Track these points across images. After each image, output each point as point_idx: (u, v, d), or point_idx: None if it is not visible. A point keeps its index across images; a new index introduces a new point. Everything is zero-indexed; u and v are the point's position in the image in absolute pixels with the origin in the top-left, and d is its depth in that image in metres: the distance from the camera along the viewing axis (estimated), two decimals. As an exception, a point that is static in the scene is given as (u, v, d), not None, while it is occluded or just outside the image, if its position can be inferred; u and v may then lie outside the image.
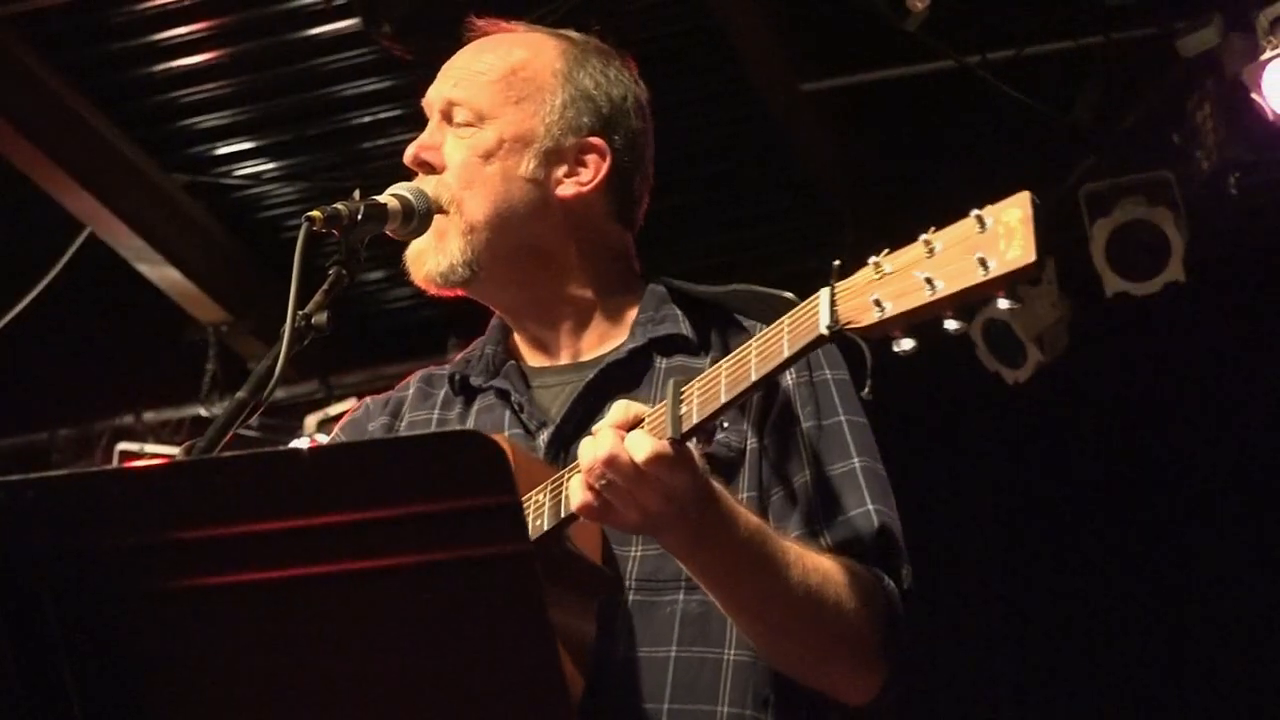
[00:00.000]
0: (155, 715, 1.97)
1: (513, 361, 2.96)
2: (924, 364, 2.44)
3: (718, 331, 2.92)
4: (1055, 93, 6.00)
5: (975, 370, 6.33)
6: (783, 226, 7.09)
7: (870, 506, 2.79)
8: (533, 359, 2.98)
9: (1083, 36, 5.96)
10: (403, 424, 2.99)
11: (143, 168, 6.65)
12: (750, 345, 2.41)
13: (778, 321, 2.38)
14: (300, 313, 2.57)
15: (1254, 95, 5.39)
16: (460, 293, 2.93)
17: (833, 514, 2.77)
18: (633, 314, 2.96)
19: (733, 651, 2.72)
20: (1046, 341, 6.28)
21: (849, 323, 2.27)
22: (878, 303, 2.24)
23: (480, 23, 3.06)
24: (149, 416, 7.44)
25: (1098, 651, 6.61)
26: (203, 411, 7.25)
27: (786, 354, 2.35)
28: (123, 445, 7.27)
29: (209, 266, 7.07)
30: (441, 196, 2.86)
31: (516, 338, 3.01)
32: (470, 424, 2.91)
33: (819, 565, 2.65)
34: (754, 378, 2.39)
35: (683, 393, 2.46)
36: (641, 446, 2.42)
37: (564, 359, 2.95)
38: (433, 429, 2.92)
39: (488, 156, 2.89)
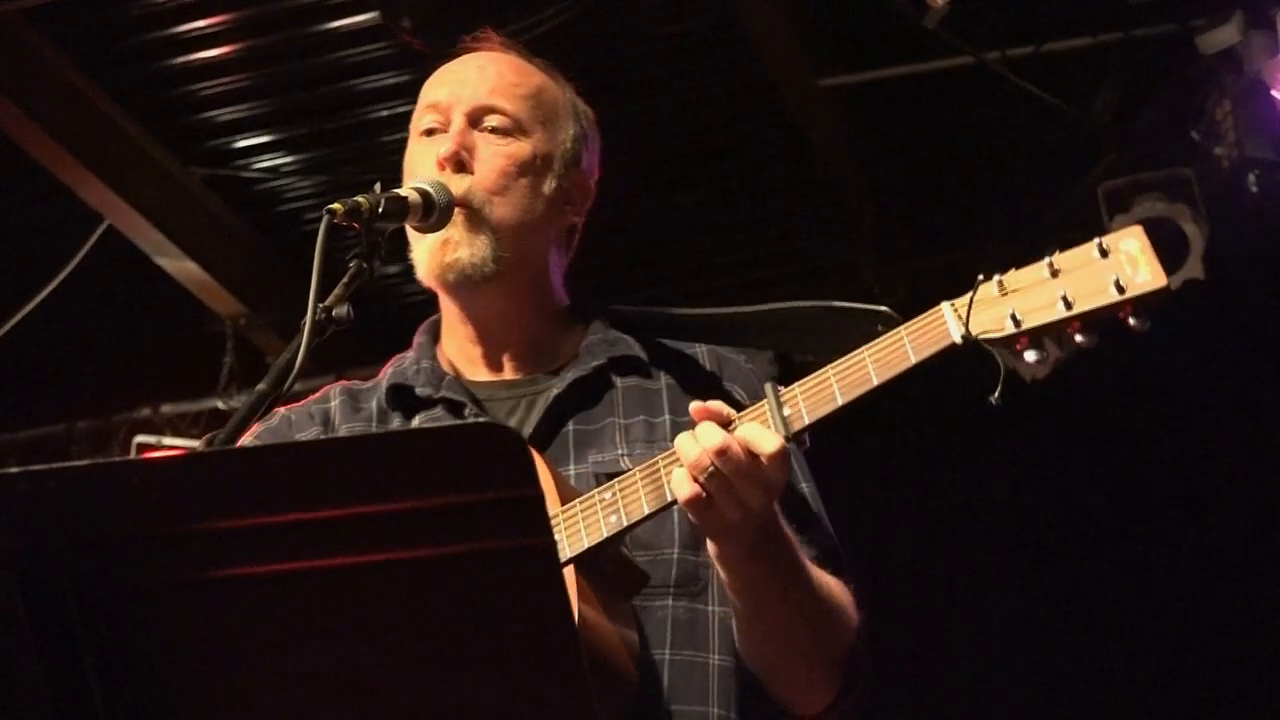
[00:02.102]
0: (176, 705, 1.97)
1: (451, 376, 2.98)
2: (941, 360, 2.53)
3: (663, 356, 2.99)
4: (1075, 90, 5.99)
5: (991, 367, 6.31)
6: (800, 223, 7.09)
7: (826, 530, 2.91)
8: (474, 374, 3.01)
9: (1102, 33, 5.94)
10: (338, 434, 2.98)
11: (161, 161, 6.66)
12: (862, 353, 2.53)
13: (894, 331, 2.53)
14: (321, 305, 2.58)
15: (1274, 92, 5.38)
16: (451, 292, 2.95)
17: (797, 533, 2.81)
18: (574, 338, 3.01)
19: (717, 657, 2.79)
20: (1065, 338, 6.25)
21: (983, 333, 2.48)
22: (1013, 317, 2.47)
23: (483, 36, 3.09)
24: (167, 409, 7.45)
25: (1112, 652, 6.60)
26: (220, 404, 7.27)
27: (913, 360, 2.51)
28: (140, 438, 7.28)
29: (227, 260, 7.08)
30: (472, 197, 2.89)
31: (455, 353, 3.03)
32: None
33: (826, 581, 2.77)
34: (875, 381, 2.51)
35: (783, 395, 2.54)
36: (766, 441, 2.51)
37: (511, 374, 2.99)
38: None
39: (522, 169, 2.94)
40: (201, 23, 6.09)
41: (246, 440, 3.00)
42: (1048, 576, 6.69)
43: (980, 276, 2.49)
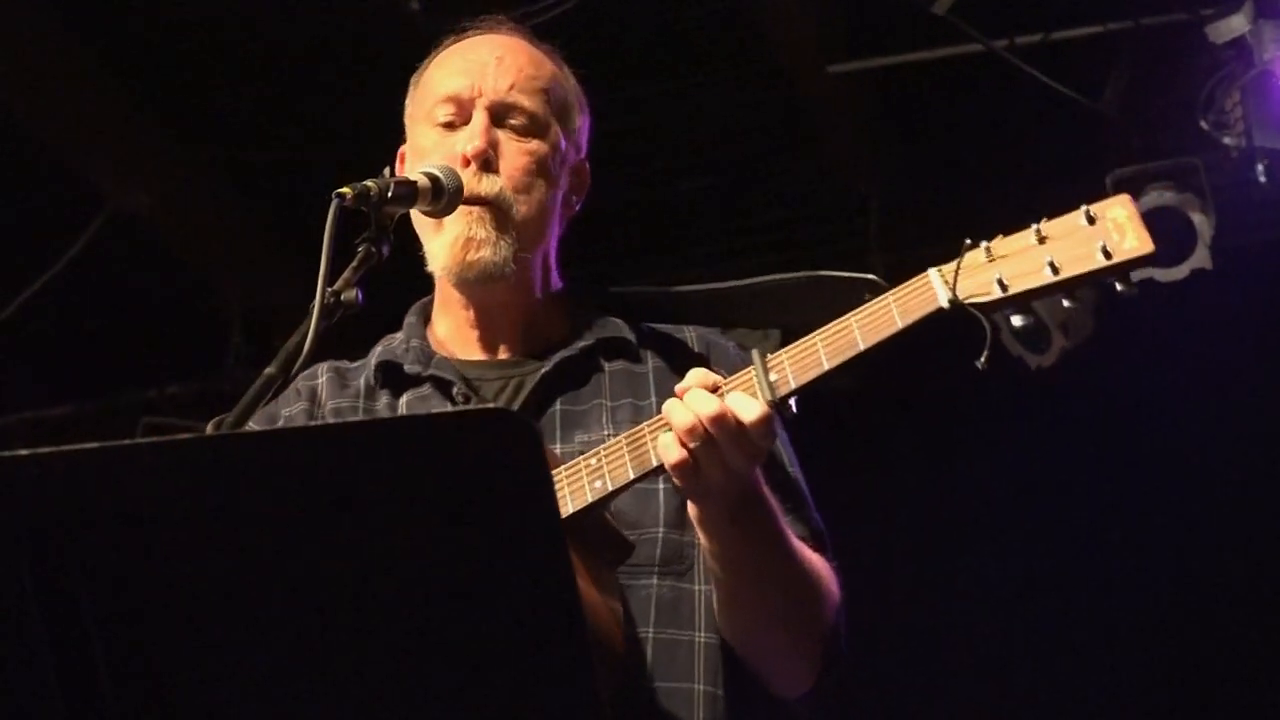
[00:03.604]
0: (185, 688, 1.98)
1: (441, 355, 3.00)
2: (947, 348, 2.53)
3: (651, 339, 3.02)
4: (1084, 78, 5.99)
5: (999, 355, 6.31)
6: (809, 209, 7.08)
7: (812, 512, 2.93)
8: (466, 354, 3.03)
9: (1112, 22, 5.94)
10: (325, 410, 3.02)
11: (170, 141, 6.65)
12: (849, 319, 2.52)
13: (881, 298, 2.52)
14: (329, 289, 2.59)
15: (1283, 83, 5.38)
16: (456, 287, 2.97)
17: (785, 513, 2.83)
18: (562, 318, 3.03)
19: (703, 635, 2.81)
20: (1071, 327, 6.26)
21: (969, 298, 2.47)
22: (1000, 282, 2.47)
23: (488, 19, 3.10)
24: (174, 391, 7.46)
25: (1116, 638, 6.61)
26: (228, 387, 7.27)
27: (900, 325, 2.50)
28: (148, 419, 7.28)
29: (236, 241, 7.08)
30: (503, 199, 2.91)
31: (448, 334, 3.05)
32: (402, 413, 2.95)
33: (808, 554, 2.79)
34: (862, 346, 2.51)
35: (770, 361, 2.55)
36: (749, 408, 2.52)
37: (503, 355, 3.01)
38: (360, 416, 2.96)
39: (542, 167, 2.96)
40: (212, 3, 6.09)
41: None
42: (1053, 560, 6.68)
43: (967, 241, 2.50)
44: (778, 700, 2.87)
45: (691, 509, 2.66)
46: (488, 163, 2.93)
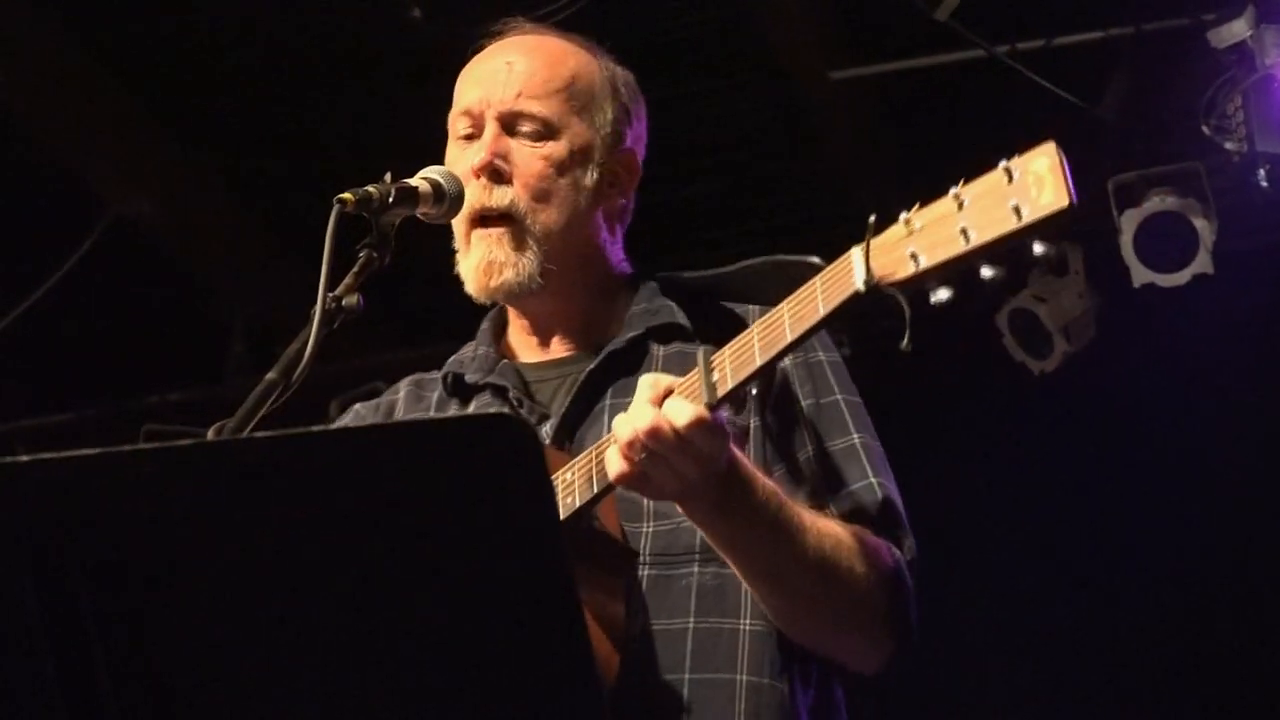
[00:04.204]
0: (186, 691, 1.98)
1: (506, 360, 3.01)
2: (950, 353, 2.47)
3: (712, 320, 2.97)
4: (1085, 83, 5.99)
5: (1002, 360, 6.32)
6: (809, 214, 7.07)
7: (873, 479, 2.85)
8: (527, 355, 3.04)
9: (1113, 27, 5.94)
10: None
11: (171, 148, 6.65)
12: (782, 309, 2.45)
13: (810, 282, 2.42)
14: (331, 295, 2.59)
15: (1285, 87, 5.38)
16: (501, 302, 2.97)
17: (837, 487, 2.83)
18: (624, 308, 3.02)
19: (748, 621, 2.77)
20: (1073, 332, 6.27)
21: (884, 277, 2.30)
22: (913, 256, 2.27)
23: (510, 22, 3.08)
24: (175, 397, 7.45)
25: (1120, 642, 6.60)
26: (229, 393, 7.26)
27: (822, 313, 2.39)
28: (150, 425, 7.29)
29: (237, 247, 7.08)
30: (516, 210, 2.90)
31: (514, 338, 3.06)
32: None
33: (832, 530, 2.71)
34: (790, 338, 2.43)
35: (713, 361, 2.50)
36: (682, 413, 2.47)
37: (561, 352, 3.01)
38: None
39: (561, 170, 2.95)
40: (215, 9, 6.08)
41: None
42: (1056, 564, 6.69)
43: (872, 218, 2.35)
44: (851, 676, 2.83)
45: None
46: (497, 173, 2.92)
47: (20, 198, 6.78)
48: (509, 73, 2.99)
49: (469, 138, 2.98)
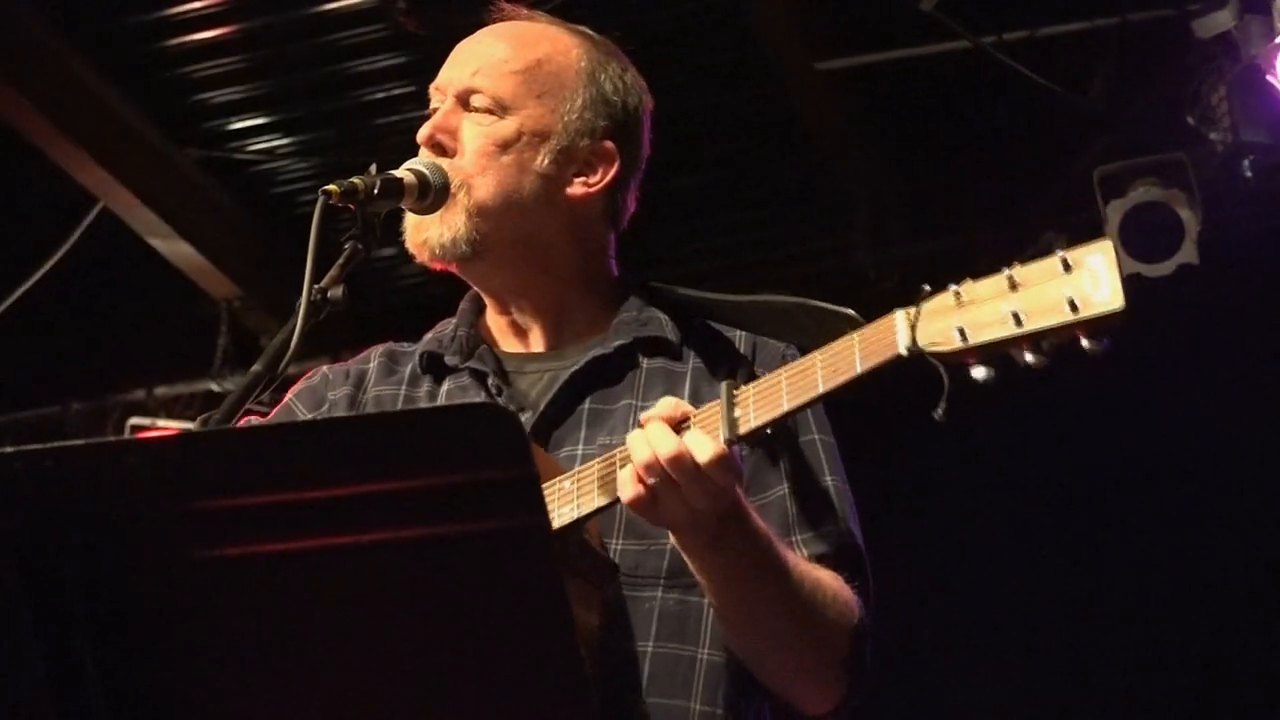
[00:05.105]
0: (172, 684, 1.97)
1: (486, 345, 2.99)
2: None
3: (698, 337, 2.96)
4: (1070, 74, 5.99)
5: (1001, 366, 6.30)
6: (796, 206, 7.08)
7: (842, 526, 2.85)
8: (507, 345, 3.02)
9: (1098, 17, 5.94)
10: (367, 396, 3.01)
11: (156, 142, 6.65)
12: (814, 358, 2.44)
13: (847, 337, 2.41)
14: (316, 287, 2.58)
15: (1269, 78, 5.37)
16: (450, 268, 2.95)
17: (806, 529, 2.82)
18: (612, 312, 2.99)
19: (706, 651, 2.77)
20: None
21: (930, 346, 2.32)
22: (960, 331, 2.30)
23: (505, 8, 3.07)
24: (161, 391, 7.45)
25: (1110, 643, 6.60)
26: (214, 386, 7.26)
27: (859, 370, 2.38)
28: (134, 420, 7.28)
29: (222, 241, 7.08)
30: (453, 178, 2.88)
31: (490, 323, 3.04)
32: (441, 403, 2.93)
33: (812, 575, 2.72)
34: (821, 389, 2.42)
35: (736, 396, 2.49)
36: (704, 448, 2.46)
37: (541, 348, 2.99)
38: (400, 405, 2.95)
39: (505, 146, 2.92)
40: (197, 4, 6.09)
41: (289, 396, 3.04)
42: (1042, 562, 6.68)
43: (925, 287, 2.34)
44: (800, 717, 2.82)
45: (671, 533, 2.63)
46: (439, 146, 2.91)
47: (7, 191, 6.77)
48: (473, 53, 2.99)
49: (436, 112, 2.99)
